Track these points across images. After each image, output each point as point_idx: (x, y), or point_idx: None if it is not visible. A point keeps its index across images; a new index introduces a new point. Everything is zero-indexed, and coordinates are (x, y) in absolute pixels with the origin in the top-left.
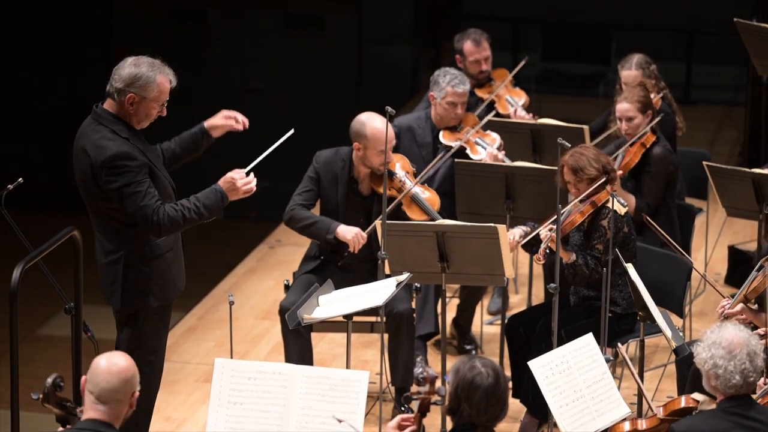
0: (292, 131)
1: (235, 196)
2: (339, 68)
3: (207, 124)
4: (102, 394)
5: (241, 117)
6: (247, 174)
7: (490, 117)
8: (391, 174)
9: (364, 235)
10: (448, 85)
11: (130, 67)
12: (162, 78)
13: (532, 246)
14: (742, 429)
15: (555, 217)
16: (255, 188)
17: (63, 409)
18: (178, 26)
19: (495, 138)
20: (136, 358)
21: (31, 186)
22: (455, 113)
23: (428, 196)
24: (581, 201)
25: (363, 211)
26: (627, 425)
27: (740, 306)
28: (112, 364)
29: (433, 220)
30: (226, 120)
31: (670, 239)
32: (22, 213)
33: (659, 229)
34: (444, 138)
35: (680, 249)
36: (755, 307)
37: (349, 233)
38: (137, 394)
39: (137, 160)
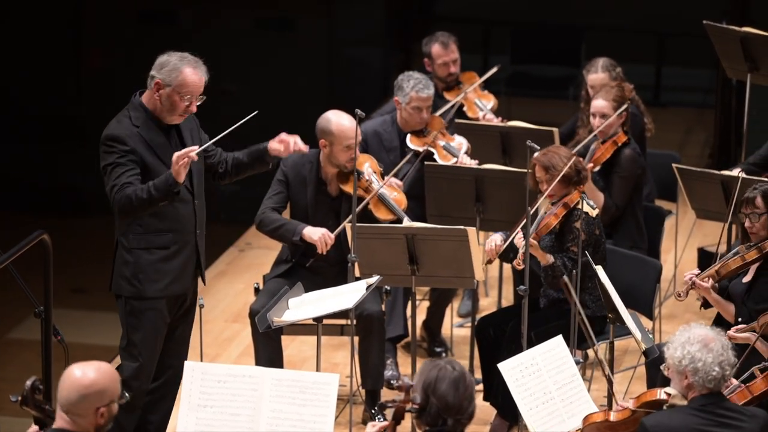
0: (255, 112)
1: (175, 170)
2: (310, 70)
3: (269, 146)
4: (63, 404)
5: (294, 140)
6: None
7: (451, 112)
8: (359, 173)
9: (332, 236)
10: (412, 90)
11: (164, 55)
12: (188, 70)
13: (508, 254)
14: (714, 425)
15: (525, 220)
16: (188, 159)
17: (41, 412)
18: (149, 28)
19: (462, 142)
20: (122, 348)
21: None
22: (420, 117)
23: (395, 196)
24: (553, 204)
25: (332, 212)
26: (599, 415)
27: (711, 282)
28: (78, 377)
29: (399, 219)
30: (281, 144)
31: None
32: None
33: None
34: (411, 143)
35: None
36: (716, 295)
37: (316, 234)
38: (104, 410)
39: (126, 146)
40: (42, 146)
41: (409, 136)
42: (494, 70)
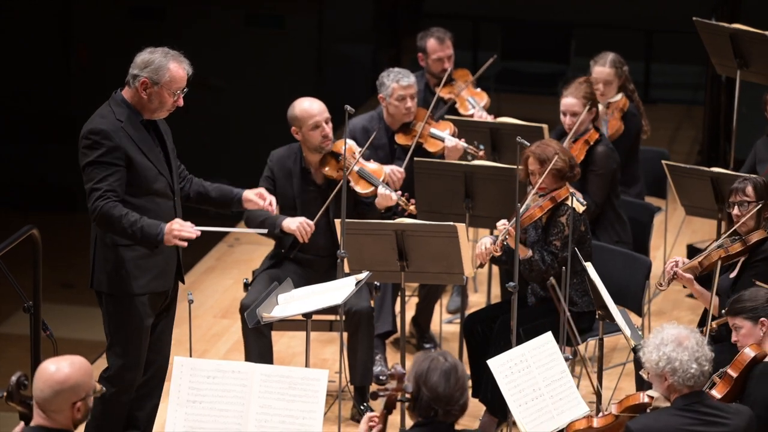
0: (265, 231)
1: (168, 238)
2: (299, 67)
3: (244, 195)
4: (38, 402)
5: (270, 200)
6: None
7: (443, 108)
8: (336, 156)
9: (311, 223)
10: (393, 81)
11: (144, 54)
12: (174, 65)
13: (498, 260)
14: (699, 424)
15: (514, 214)
16: (185, 243)
17: (27, 408)
18: (139, 24)
19: (447, 126)
20: (107, 348)
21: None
22: (406, 108)
23: (373, 168)
24: (541, 196)
25: (320, 201)
26: (582, 423)
27: (690, 275)
28: (52, 373)
29: (375, 188)
30: (260, 199)
31: None
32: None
33: None
34: (399, 140)
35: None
36: (699, 287)
37: (293, 224)
38: (81, 404)
39: (111, 141)
40: (31, 143)
41: (396, 134)
42: (490, 61)
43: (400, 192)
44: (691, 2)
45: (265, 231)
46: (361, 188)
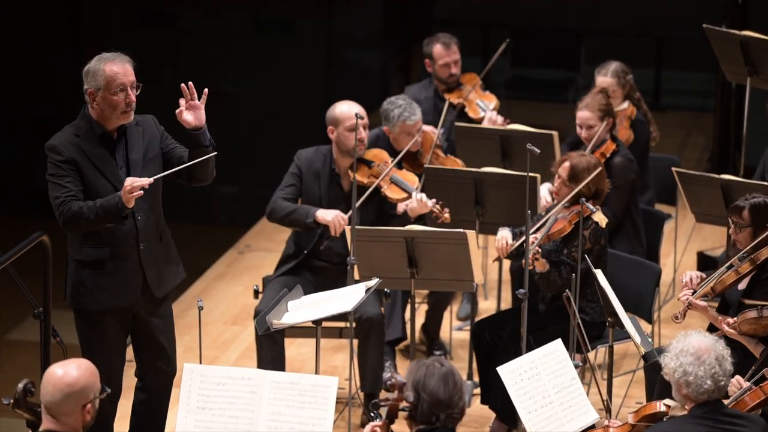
0: (214, 153)
1: (127, 198)
2: (309, 72)
3: (181, 117)
4: (47, 406)
5: (185, 94)
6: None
7: (452, 114)
8: (369, 163)
9: (345, 217)
10: (398, 119)
11: (85, 67)
12: (107, 65)
13: (516, 255)
14: None
15: (540, 224)
16: (141, 192)
17: (34, 415)
18: (148, 29)
19: (456, 162)
20: None
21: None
22: (414, 143)
23: (406, 174)
24: (567, 208)
25: (346, 205)
26: None
27: (704, 303)
28: (60, 377)
29: (409, 195)
30: (180, 113)
31: None
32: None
33: None
34: (406, 167)
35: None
36: (714, 312)
37: (329, 215)
38: (90, 406)
39: (61, 156)
40: (40, 148)
41: (404, 163)
42: (503, 46)
43: (434, 200)
44: (701, 9)
45: (214, 154)
46: (394, 194)
